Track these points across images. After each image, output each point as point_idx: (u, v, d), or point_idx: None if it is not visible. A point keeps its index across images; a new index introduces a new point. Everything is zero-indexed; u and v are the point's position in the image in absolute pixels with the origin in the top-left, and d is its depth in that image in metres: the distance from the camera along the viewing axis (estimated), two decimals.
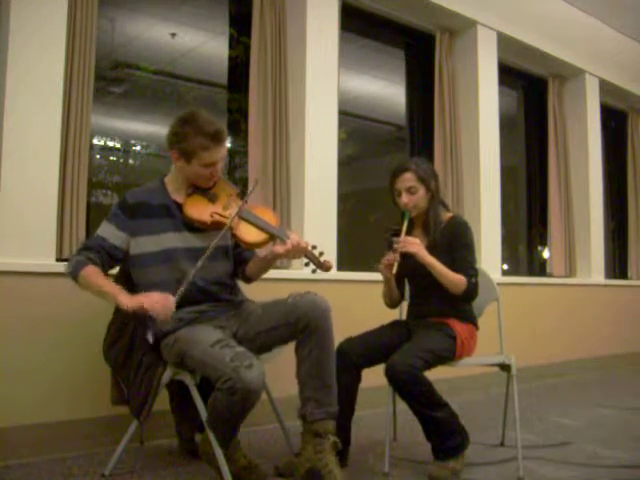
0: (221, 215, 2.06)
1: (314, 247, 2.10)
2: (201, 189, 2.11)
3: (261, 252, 2.25)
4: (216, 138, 2.01)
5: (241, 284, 2.31)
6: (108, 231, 2.04)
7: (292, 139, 3.26)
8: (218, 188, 2.15)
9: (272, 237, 2.10)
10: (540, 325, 4.39)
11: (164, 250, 2.04)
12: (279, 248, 2.06)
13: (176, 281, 1.99)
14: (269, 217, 2.15)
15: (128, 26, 3.46)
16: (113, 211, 2.08)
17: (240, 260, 2.25)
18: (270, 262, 2.19)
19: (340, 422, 2.08)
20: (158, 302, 1.86)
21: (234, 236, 2.09)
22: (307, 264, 2.10)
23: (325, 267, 2.09)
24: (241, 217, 2.08)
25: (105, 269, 2.02)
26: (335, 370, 2.04)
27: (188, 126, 2.00)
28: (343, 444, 2.17)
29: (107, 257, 2.02)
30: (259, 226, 2.09)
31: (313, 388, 1.98)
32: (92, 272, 1.96)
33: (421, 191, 2.33)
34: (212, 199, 2.11)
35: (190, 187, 2.12)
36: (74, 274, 1.97)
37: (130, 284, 2.10)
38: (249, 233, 2.08)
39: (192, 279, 1.95)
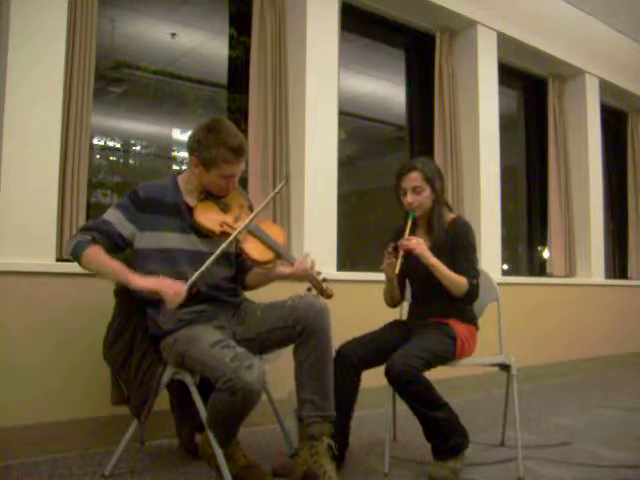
0: (231, 227, 2.04)
1: (319, 273, 2.09)
2: (214, 195, 2.10)
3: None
4: (239, 152, 2.00)
5: None
6: (115, 218, 2.00)
7: (292, 139, 3.26)
8: (231, 197, 2.13)
9: (278, 257, 2.09)
10: (540, 325, 4.39)
11: (167, 249, 2.03)
12: (285, 269, 2.07)
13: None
14: (277, 235, 2.13)
15: (128, 26, 3.45)
16: (123, 201, 2.03)
17: (241, 269, 2.24)
18: (271, 279, 2.19)
19: (339, 424, 2.08)
20: (170, 287, 1.85)
21: (240, 250, 2.08)
22: (309, 289, 2.09)
23: (326, 295, 2.08)
24: (250, 232, 2.07)
25: (108, 253, 1.97)
26: (333, 373, 2.04)
27: (212, 136, 1.98)
28: (341, 446, 2.17)
29: (109, 242, 1.97)
30: (267, 244, 2.08)
31: (310, 391, 1.98)
32: (97, 251, 1.91)
33: (426, 191, 2.33)
34: (224, 208, 2.09)
35: (203, 192, 2.10)
36: (76, 253, 1.91)
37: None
38: (255, 249, 2.06)
39: (203, 269, 1.93)
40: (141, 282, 1.88)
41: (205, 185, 2.08)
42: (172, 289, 1.85)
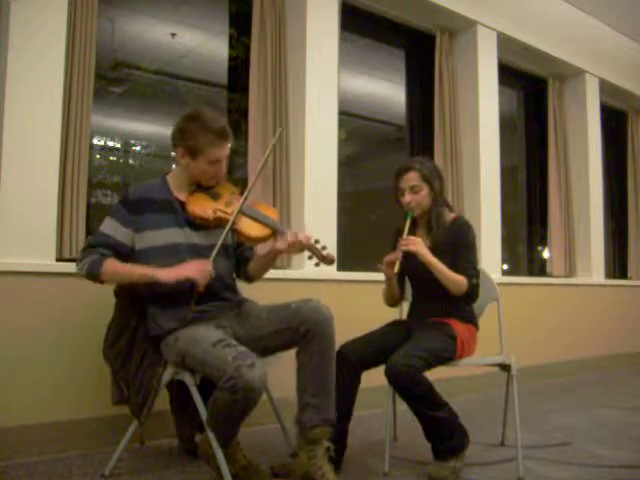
0: (224, 212, 2.06)
1: (317, 241, 2.10)
2: (203, 187, 2.13)
3: (262, 250, 2.25)
4: (222, 135, 2.04)
5: (240, 285, 2.31)
6: (112, 228, 2.04)
7: (292, 139, 3.26)
8: (220, 186, 2.16)
9: (274, 232, 2.10)
10: (540, 325, 4.39)
11: (168, 245, 2.04)
12: (280, 244, 2.07)
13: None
14: (270, 213, 2.16)
15: (128, 26, 3.45)
16: (115, 208, 2.09)
17: (242, 259, 2.26)
18: (272, 260, 2.19)
19: (338, 426, 2.08)
20: (197, 269, 1.94)
21: (237, 231, 2.09)
22: (310, 257, 2.10)
23: (328, 260, 2.09)
24: (243, 213, 2.08)
25: None
26: (334, 378, 2.03)
27: (194, 123, 2.02)
28: (340, 448, 2.17)
29: (115, 254, 2.03)
30: (261, 221, 2.10)
31: (312, 394, 1.98)
32: (113, 263, 1.99)
33: (424, 190, 2.32)
34: (214, 197, 2.12)
35: (192, 185, 2.13)
36: (94, 272, 1.98)
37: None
38: (252, 228, 2.08)
39: (219, 246, 1.99)
40: (170, 275, 1.94)
41: (194, 176, 2.11)
42: (200, 271, 1.94)
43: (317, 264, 2.10)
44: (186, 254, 2.05)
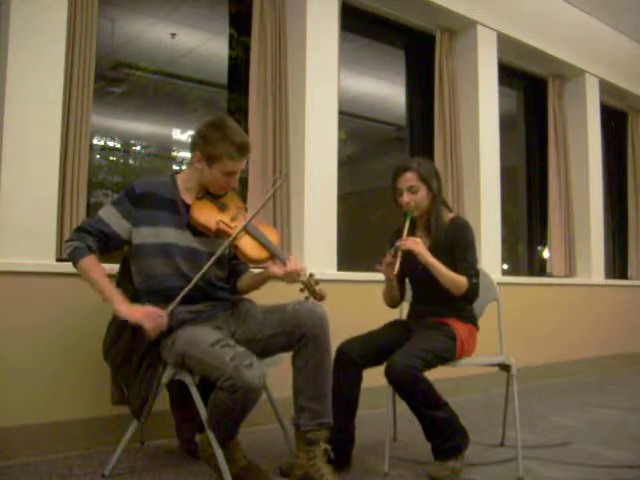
0: (227, 225, 2.06)
1: (311, 275, 2.10)
2: (212, 195, 2.12)
3: (256, 269, 2.25)
4: (243, 149, 2.04)
5: None
6: (111, 216, 2.02)
7: (292, 139, 3.26)
8: (228, 198, 2.15)
9: (272, 257, 2.10)
10: (540, 325, 4.39)
11: (163, 244, 2.03)
12: (277, 269, 2.07)
13: (169, 276, 2.01)
14: (272, 236, 2.16)
15: (128, 26, 3.46)
16: (119, 197, 2.06)
17: (234, 272, 2.25)
18: (263, 281, 2.20)
19: (343, 422, 2.08)
20: (151, 318, 1.90)
21: (235, 247, 2.08)
22: (302, 290, 2.10)
23: (319, 297, 2.09)
24: (246, 231, 2.08)
25: (103, 254, 2.02)
26: (331, 379, 2.04)
27: (217, 131, 2.02)
28: (347, 444, 2.18)
29: (106, 242, 2.01)
30: (262, 243, 2.09)
31: (308, 398, 1.98)
32: (91, 264, 1.95)
33: (422, 191, 2.33)
34: (221, 207, 2.11)
35: (201, 191, 2.12)
36: (73, 260, 1.97)
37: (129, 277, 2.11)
38: (251, 248, 2.07)
39: (193, 285, 1.96)
40: (125, 311, 1.91)
41: (206, 182, 2.10)
42: (153, 322, 1.90)
43: (307, 297, 2.09)
44: (179, 256, 2.04)
